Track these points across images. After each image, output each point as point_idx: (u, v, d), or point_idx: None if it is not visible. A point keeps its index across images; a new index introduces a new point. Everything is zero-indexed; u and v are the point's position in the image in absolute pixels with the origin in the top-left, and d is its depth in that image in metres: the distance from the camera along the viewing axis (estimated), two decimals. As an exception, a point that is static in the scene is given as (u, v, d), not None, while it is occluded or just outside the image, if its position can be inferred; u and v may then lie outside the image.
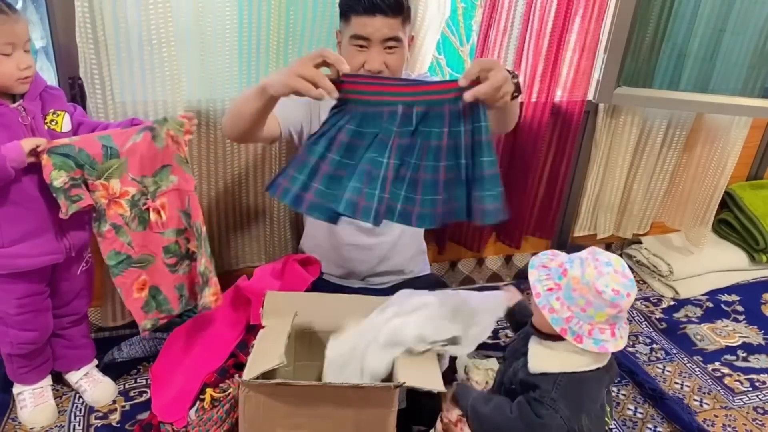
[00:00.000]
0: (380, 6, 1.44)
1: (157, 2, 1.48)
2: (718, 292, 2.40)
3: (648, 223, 2.52)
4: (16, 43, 1.26)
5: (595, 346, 1.19)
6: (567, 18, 1.94)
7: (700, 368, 1.98)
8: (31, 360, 1.53)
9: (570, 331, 1.20)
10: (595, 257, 1.22)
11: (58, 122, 1.37)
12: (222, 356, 1.55)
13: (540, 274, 1.25)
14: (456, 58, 3.74)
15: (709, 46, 2.16)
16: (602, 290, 1.17)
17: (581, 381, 1.24)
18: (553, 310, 1.20)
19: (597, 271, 1.19)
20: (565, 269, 1.23)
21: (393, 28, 1.47)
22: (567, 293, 1.20)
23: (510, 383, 1.33)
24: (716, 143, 2.32)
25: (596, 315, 1.19)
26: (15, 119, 1.29)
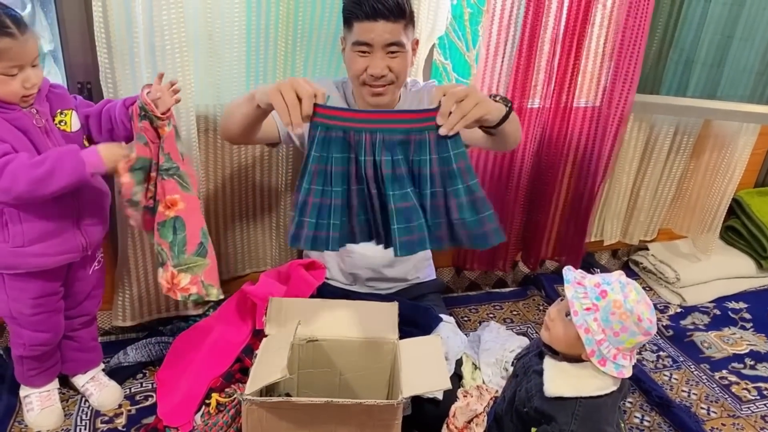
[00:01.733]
0: (382, 11, 1.43)
1: (170, 8, 1.49)
2: (726, 300, 2.39)
3: (655, 230, 2.51)
4: (24, 64, 1.25)
5: (615, 371, 1.20)
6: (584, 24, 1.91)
7: (707, 376, 1.96)
8: (42, 362, 1.54)
9: (598, 353, 1.19)
10: (634, 284, 1.22)
11: (67, 122, 1.38)
12: (227, 361, 1.55)
13: (577, 292, 1.22)
14: (462, 63, 3.74)
15: (717, 52, 2.15)
16: (643, 318, 1.17)
17: (599, 407, 1.23)
18: (589, 330, 1.19)
19: (639, 296, 1.19)
20: (604, 290, 1.20)
21: (395, 32, 1.47)
22: (605, 315, 1.19)
23: (523, 406, 1.31)
24: (724, 150, 2.31)
25: (627, 341, 1.19)
26: (30, 122, 1.30)
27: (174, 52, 1.54)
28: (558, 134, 2.06)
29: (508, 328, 2.04)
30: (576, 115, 2.05)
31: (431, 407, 1.50)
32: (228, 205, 1.88)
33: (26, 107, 1.30)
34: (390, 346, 1.41)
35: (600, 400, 1.24)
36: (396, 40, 1.48)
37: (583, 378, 1.24)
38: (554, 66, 1.95)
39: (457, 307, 2.20)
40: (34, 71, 1.27)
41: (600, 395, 1.23)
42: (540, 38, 1.89)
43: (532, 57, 1.89)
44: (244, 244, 1.96)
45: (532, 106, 1.99)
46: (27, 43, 1.23)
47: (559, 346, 1.26)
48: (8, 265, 1.37)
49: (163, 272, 1.49)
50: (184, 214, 1.46)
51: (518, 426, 1.35)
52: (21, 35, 1.22)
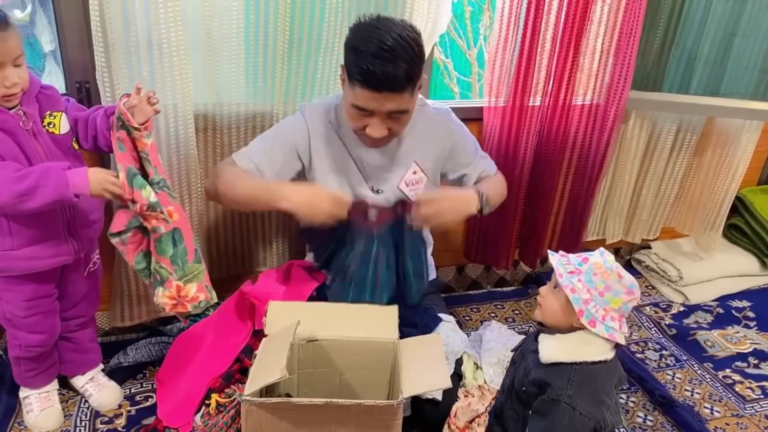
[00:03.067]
0: (388, 84, 1.31)
1: (167, 7, 1.48)
2: (729, 298, 2.38)
3: (658, 228, 2.50)
4: (3, 62, 1.22)
5: (606, 333, 1.22)
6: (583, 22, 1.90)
7: (710, 375, 1.95)
8: (39, 363, 1.53)
9: (586, 312, 1.22)
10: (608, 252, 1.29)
11: (55, 124, 1.35)
12: (227, 361, 1.54)
13: (561, 260, 1.29)
14: (463, 61, 3.73)
15: (719, 49, 2.14)
16: (624, 275, 1.22)
17: (594, 375, 1.25)
18: (575, 289, 1.23)
19: (616, 262, 1.26)
20: (585, 258, 1.27)
21: (400, 102, 1.37)
22: (588, 276, 1.24)
23: (521, 384, 1.32)
24: (727, 147, 2.29)
25: (612, 301, 1.23)
26: (16, 125, 1.28)
27: (171, 51, 1.53)
28: (557, 131, 2.05)
29: (509, 327, 2.03)
30: (574, 112, 2.04)
31: (431, 408, 1.50)
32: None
33: (12, 108, 1.28)
34: (390, 345, 1.40)
35: (595, 368, 1.25)
36: (400, 108, 1.39)
37: (577, 344, 1.27)
38: (554, 63, 1.94)
39: (458, 306, 2.19)
40: (16, 70, 1.24)
41: (595, 361, 1.25)
42: (541, 36, 1.88)
43: (533, 55, 1.88)
44: (243, 244, 1.95)
45: (533, 103, 1.98)
46: (6, 40, 1.20)
47: (554, 319, 1.29)
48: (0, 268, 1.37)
49: (163, 291, 1.47)
50: (180, 225, 1.46)
51: (518, 410, 1.35)
52: (1, 31, 1.19)
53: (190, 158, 1.68)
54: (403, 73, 1.31)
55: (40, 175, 1.23)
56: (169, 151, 1.65)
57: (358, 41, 1.34)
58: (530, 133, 2.00)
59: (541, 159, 2.09)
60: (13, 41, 1.23)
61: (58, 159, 1.34)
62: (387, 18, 1.39)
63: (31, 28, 2.19)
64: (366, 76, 1.31)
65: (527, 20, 1.83)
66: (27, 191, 1.21)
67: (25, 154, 1.29)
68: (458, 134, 1.68)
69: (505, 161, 2.02)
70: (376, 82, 1.31)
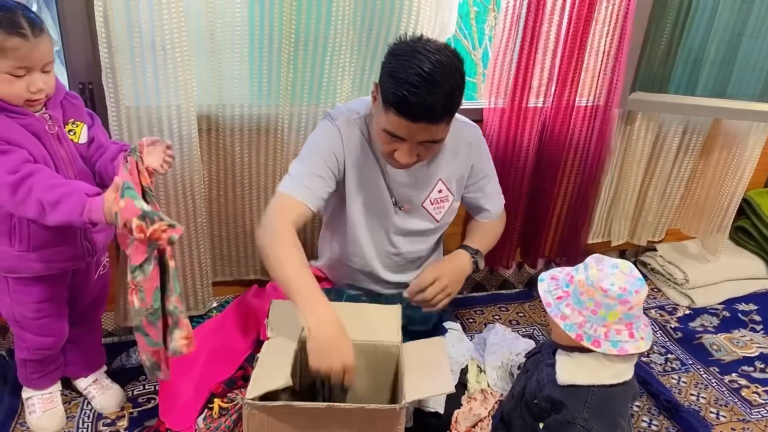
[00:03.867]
0: (426, 116, 1.25)
1: (170, 6, 1.48)
2: (735, 301, 2.36)
3: (663, 230, 2.48)
4: (31, 67, 1.21)
5: (614, 349, 1.18)
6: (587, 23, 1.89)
7: (716, 379, 1.94)
8: (45, 366, 1.53)
9: (585, 336, 1.19)
10: (600, 261, 1.23)
11: (76, 133, 1.34)
12: (231, 368, 1.54)
13: (549, 285, 1.26)
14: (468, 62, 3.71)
15: (727, 50, 2.12)
16: (608, 288, 1.17)
17: (611, 397, 1.23)
18: (565, 317, 1.20)
19: (601, 272, 1.20)
20: (571, 276, 1.23)
21: (435, 132, 1.32)
22: (575, 298, 1.20)
23: (533, 396, 1.31)
24: (734, 149, 2.27)
25: (608, 315, 1.19)
26: (42, 128, 1.27)
27: (175, 51, 1.53)
28: (559, 132, 2.04)
29: (514, 330, 2.02)
30: (577, 113, 2.03)
31: (433, 420, 1.48)
32: (230, 206, 1.86)
33: (37, 112, 1.27)
34: (393, 349, 1.39)
35: (612, 390, 1.24)
36: (434, 138, 1.34)
37: (596, 367, 1.24)
38: (556, 64, 1.93)
39: (462, 308, 2.18)
40: (44, 77, 1.23)
41: (613, 384, 1.23)
42: (542, 36, 1.87)
43: (533, 55, 1.88)
44: (247, 247, 1.94)
45: (535, 104, 1.97)
46: (38, 46, 1.20)
47: (565, 341, 1.26)
48: (12, 268, 1.36)
49: (179, 332, 1.29)
50: None
51: (527, 420, 1.34)
52: (33, 37, 1.19)
53: (193, 159, 1.68)
54: (442, 105, 1.26)
55: (67, 190, 1.18)
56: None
57: (397, 66, 1.27)
58: (532, 134, 1.99)
59: (543, 160, 2.09)
60: (45, 48, 1.22)
61: (78, 165, 1.34)
62: (428, 41, 1.31)
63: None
64: (402, 105, 1.25)
65: (527, 20, 1.83)
66: (52, 202, 1.17)
67: (51, 157, 1.28)
68: (481, 154, 1.64)
69: (507, 162, 2.02)
70: (413, 113, 1.25)
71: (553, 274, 1.29)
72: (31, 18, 1.20)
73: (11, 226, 1.31)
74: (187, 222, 1.75)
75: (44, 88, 1.24)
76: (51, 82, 1.27)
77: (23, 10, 1.20)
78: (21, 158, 1.21)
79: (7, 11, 1.18)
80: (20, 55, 1.18)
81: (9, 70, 1.19)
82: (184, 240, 1.77)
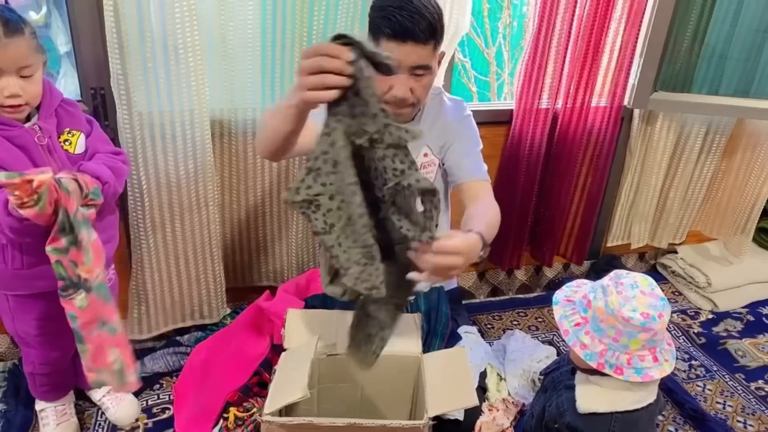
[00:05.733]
0: (413, 32, 1.32)
1: (183, 10, 1.45)
2: (759, 305, 2.31)
3: (684, 232, 2.43)
4: (3, 68, 1.13)
5: (638, 376, 1.13)
6: (604, 21, 1.86)
7: (742, 386, 1.88)
8: (54, 379, 1.51)
9: (607, 364, 1.14)
10: (618, 282, 1.17)
11: (72, 142, 1.29)
12: (246, 374, 1.51)
13: (565, 310, 1.21)
14: (481, 60, 3.67)
15: (752, 48, 2.06)
16: (630, 317, 1.11)
17: (635, 422, 1.18)
18: (585, 345, 1.15)
19: (621, 297, 1.14)
20: (589, 301, 1.17)
21: (423, 55, 1.37)
22: (595, 325, 1.15)
23: (553, 421, 1.26)
24: (758, 149, 2.22)
25: (631, 343, 1.13)
26: (31, 140, 1.22)
27: (188, 56, 1.50)
28: (574, 133, 2.02)
29: (533, 336, 1.98)
30: (592, 113, 2.01)
31: (452, 427, 1.45)
32: (243, 212, 1.83)
33: (26, 123, 1.23)
34: (413, 360, 1.36)
35: (636, 414, 1.19)
36: (424, 63, 1.38)
37: (617, 392, 1.19)
38: (571, 64, 1.90)
39: (480, 313, 2.14)
40: (21, 83, 1.16)
41: (636, 409, 1.18)
42: (557, 36, 1.85)
43: (546, 55, 1.86)
44: (260, 253, 1.92)
45: (547, 105, 1.95)
46: (9, 46, 1.12)
47: (585, 364, 1.21)
48: (10, 286, 1.34)
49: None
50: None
51: None
52: (3, 37, 1.11)
53: (206, 166, 1.65)
54: (427, 25, 1.33)
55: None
56: (186, 158, 1.62)
57: (382, 1, 1.38)
58: (544, 135, 1.97)
59: (557, 159, 2.06)
60: (18, 49, 1.14)
61: None
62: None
63: (47, 30, 2.17)
64: (391, 25, 1.33)
65: (542, 18, 1.81)
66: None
67: None
68: (463, 125, 1.61)
69: (519, 161, 1.98)
70: (401, 28, 1.32)
71: (567, 295, 1.23)
72: (6, 18, 1.13)
73: (2, 245, 1.27)
74: (201, 229, 1.72)
75: (20, 94, 1.17)
76: (32, 90, 1.19)
77: (3, 11, 1.14)
78: None
79: None
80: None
81: None
82: (197, 247, 1.75)
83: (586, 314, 1.17)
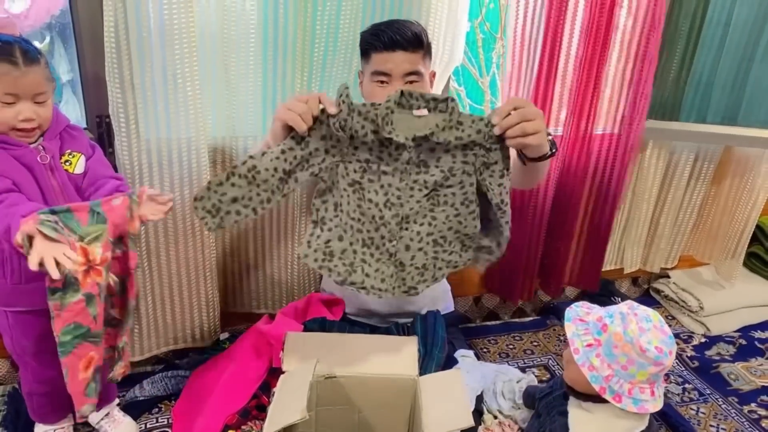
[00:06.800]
0: (400, 41, 1.44)
1: (182, 40, 1.49)
2: (751, 329, 2.33)
3: (676, 257, 2.47)
4: (20, 95, 1.23)
5: (635, 407, 1.15)
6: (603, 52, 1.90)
7: (735, 410, 1.90)
8: (51, 399, 1.51)
9: (609, 389, 1.16)
10: (635, 311, 1.19)
11: (72, 163, 1.35)
12: (244, 397, 1.52)
13: (578, 329, 1.21)
14: (476, 89, 3.74)
15: (737, 76, 2.12)
16: (646, 348, 1.13)
17: None
18: (593, 367, 1.16)
19: (639, 327, 1.15)
20: (605, 324, 1.19)
21: (413, 62, 1.48)
22: (608, 350, 1.16)
23: None
24: (746, 176, 2.27)
25: (638, 374, 1.15)
26: (34, 159, 1.28)
27: (186, 85, 1.54)
28: (577, 162, 2.04)
29: (528, 359, 2.00)
30: (594, 142, 2.04)
31: None
32: (242, 238, 1.86)
33: (32, 143, 1.28)
34: (410, 382, 1.38)
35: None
36: (414, 69, 1.48)
37: (609, 419, 1.20)
38: (573, 93, 1.94)
39: (475, 338, 2.16)
40: (35, 108, 1.25)
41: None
42: (558, 64, 1.88)
43: (551, 84, 1.88)
44: (258, 281, 1.94)
45: (555, 133, 1.98)
46: (27, 74, 1.22)
47: (580, 387, 1.23)
48: (9, 302, 1.36)
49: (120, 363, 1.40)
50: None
51: None
52: (24, 66, 1.21)
53: (205, 192, 1.68)
54: (412, 34, 1.45)
55: (7, 211, 1.17)
56: (182, 185, 1.65)
57: (371, 25, 1.52)
58: (551, 164, 1.99)
59: (562, 190, 2.09)
60: (35, 77, 1.24)
61: (72, 195, 1.34)
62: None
63: (50, 58, 2.22)
64: (380, 39, 1.46)
65: (544, 47, 1.83)
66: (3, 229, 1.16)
67: (40, 188, 1.29)
68: None
69: (527, 192, 2.02)
70: (389, 39, 1.44)
71: (580, 314, 1.24)
72: (25, 48, 1.23)
73: (2, 259, 1.31)
74: (195, 254, 1.75)
75: (34, 119, 1.25)
76: (44, 114, 1.27)
77: (22, 42, 1.24)
78: (2, 187, 1.22)
79: (5, 43, 1.22)
80: (8, 81, 1.20)
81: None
82: (191, 272, 1.77)
83: (600, 337, 1.18)
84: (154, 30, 1.47)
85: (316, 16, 1.61)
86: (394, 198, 1.26)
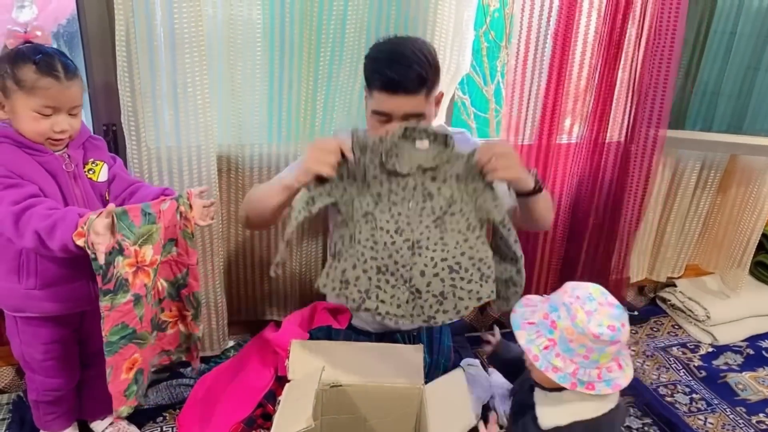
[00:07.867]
0: (402, 85, 1.38)
1: (192, 49, 1.50)
2: (759, 338, 2.32)
3: (682, 266, 2.46)
4: (59, 107, 1.26)
5: (609, 387, 1.16)
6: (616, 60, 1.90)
7: (743, 420, 1.89)
8: (57, 407, 1.51)
9: (579, 382, 1.16)
10: (576, 295, 1.17)
11: (96, 171, 1.37)
12: (249, 406, 1.52)
13: (529, 334, 1.20)
14: (480, 97, 3.75)
15: (743, 84, 2.12)
16: (600, 333, 1.12)
17: (599, 427, 1.20)
18: (557, 368, 1.16)
19: (586, 312, 1.14)
20: (553, 321, 1.17)
21: (415, 104, 1.42)
22: (564, 346, 1.15)
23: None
24: (752, 185, 2.26)
25: (601, 358, 1.15)
26: (59, 166, 1.30)
27: (196, 93, 1.55)
28: (590, 172, 2.04)
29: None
30: (608, 151, 2.03)
31: None
32: (248, 246, 1.86)
33: (57, 151, 1.30)
34: (416, 391, 1.37)
35: (597, 421, 1.20)
36: (416, 111, 1.42)
37: (576, 403, 1.20)
38: (585, 102, 1.94)
39: (480, 347, 2.15)
40: (69, 119, 1.28)
41: (596, 417, 1.20)
42: (571, 73, 1.88)
43: (560, 93, 1.88)
44: (264, 288, 1.94)
45: (568, 141, 1.98)
46: (69, 89, 1.25)
47: (549, 384, 1.23)
48: (19, 307, 1.37)
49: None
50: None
51: None
52: (66, 80, 1.24)
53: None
54: (416, 76, 1.39)
55: (61, 215, 1.19)
56: (192, 192, 1.65)
57: (373, 50, 1.47)
58: (565, 173, 2.00)
59: (577, 200, 2.09)
60: (75, 91, 1.27)
61: (93, 203, 1.35)
62: (404, 36, 1.52)
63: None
64: (382, 79, 1.40)
65: (554, 56, 1.83)
66: (47, 229, 1.18)
67: (63, 195, 1.30)
68: None
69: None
70: (391, 84, 1.39)
71: (526, 317, 1.22)
72: (66, 63, 1.26)
73: (20, 262, 1.32)
74: (204, 262, 1.75)
75: (68, 130, 1.28)
76: (76, 125, 1.31)
77: (60, 55, 1.27)
78: (28, 192, 1.23)
79: (46, 54, 1.24)
80: (50, 94, 1.23)
81: (37, 109, 1.24)
82: (200, 279, 1.76)
83: (553, 336, 1.16)
84: (164, 39, 1.49)
85: (321, 25, 1.62)
86: (404, 224, 1.32)
